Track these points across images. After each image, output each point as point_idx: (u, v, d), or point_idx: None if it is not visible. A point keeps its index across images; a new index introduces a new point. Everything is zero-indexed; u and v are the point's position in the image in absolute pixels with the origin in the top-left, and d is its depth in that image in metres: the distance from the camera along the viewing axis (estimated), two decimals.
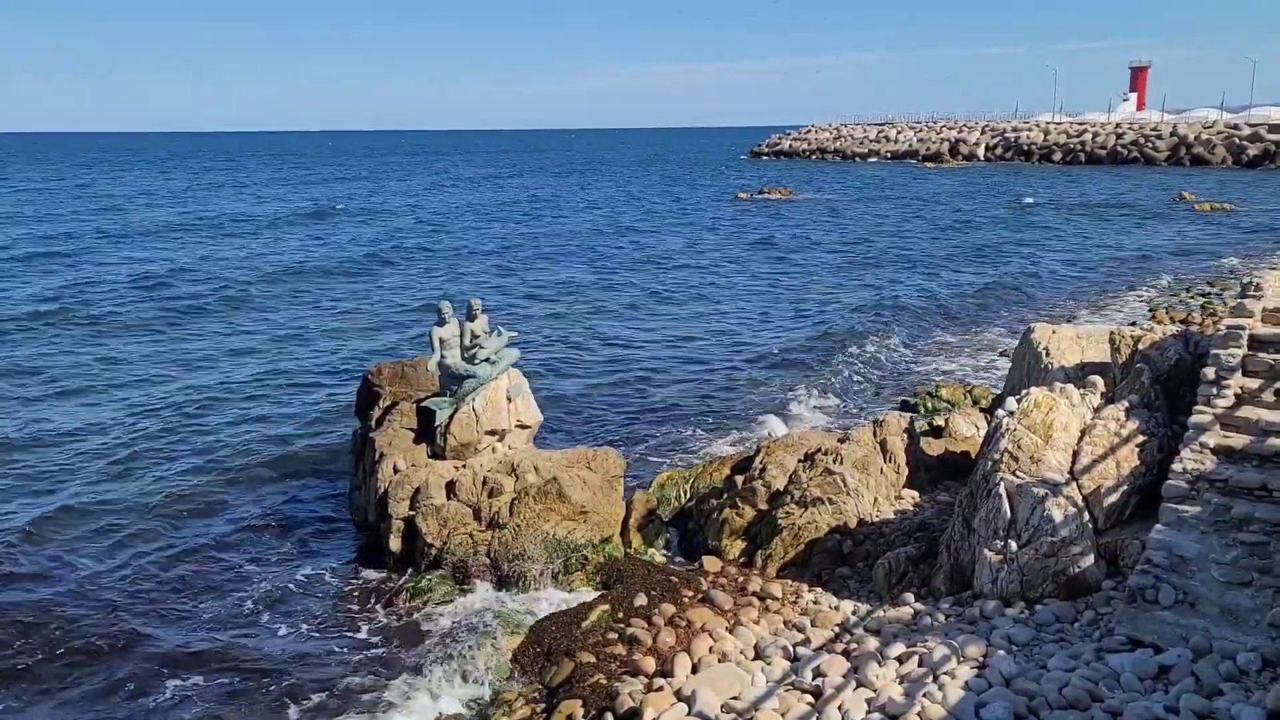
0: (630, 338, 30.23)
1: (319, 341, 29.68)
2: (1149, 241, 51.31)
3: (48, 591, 13.86)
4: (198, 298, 36.60)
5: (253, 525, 16.29)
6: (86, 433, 20.72)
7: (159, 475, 18.39)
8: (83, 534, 15.80)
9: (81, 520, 16.25)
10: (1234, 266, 41.54)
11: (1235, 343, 11.76)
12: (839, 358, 27.29)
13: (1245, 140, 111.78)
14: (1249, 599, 9.76)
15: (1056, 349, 15.95)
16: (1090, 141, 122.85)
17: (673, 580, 12.99)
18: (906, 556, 12.88)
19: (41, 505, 16.77)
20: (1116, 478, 12.18)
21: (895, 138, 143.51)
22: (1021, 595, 11.37)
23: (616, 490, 14.96)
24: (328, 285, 39.92)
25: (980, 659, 10.01)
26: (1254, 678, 9.15)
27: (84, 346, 28.51)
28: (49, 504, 16.83)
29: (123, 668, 11.95)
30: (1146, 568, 10.36)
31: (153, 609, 13.49)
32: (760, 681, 10.18)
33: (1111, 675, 9.47)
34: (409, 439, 15.16)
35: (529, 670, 11.44)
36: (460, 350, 14.90)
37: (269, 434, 20.66)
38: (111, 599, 13.71)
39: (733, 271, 43.22)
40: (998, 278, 40.82)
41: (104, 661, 12.08)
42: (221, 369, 26.12)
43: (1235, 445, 11.00)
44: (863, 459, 14.78)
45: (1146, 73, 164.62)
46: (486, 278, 41.83)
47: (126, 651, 12.29)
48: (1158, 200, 73.14)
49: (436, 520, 14.05)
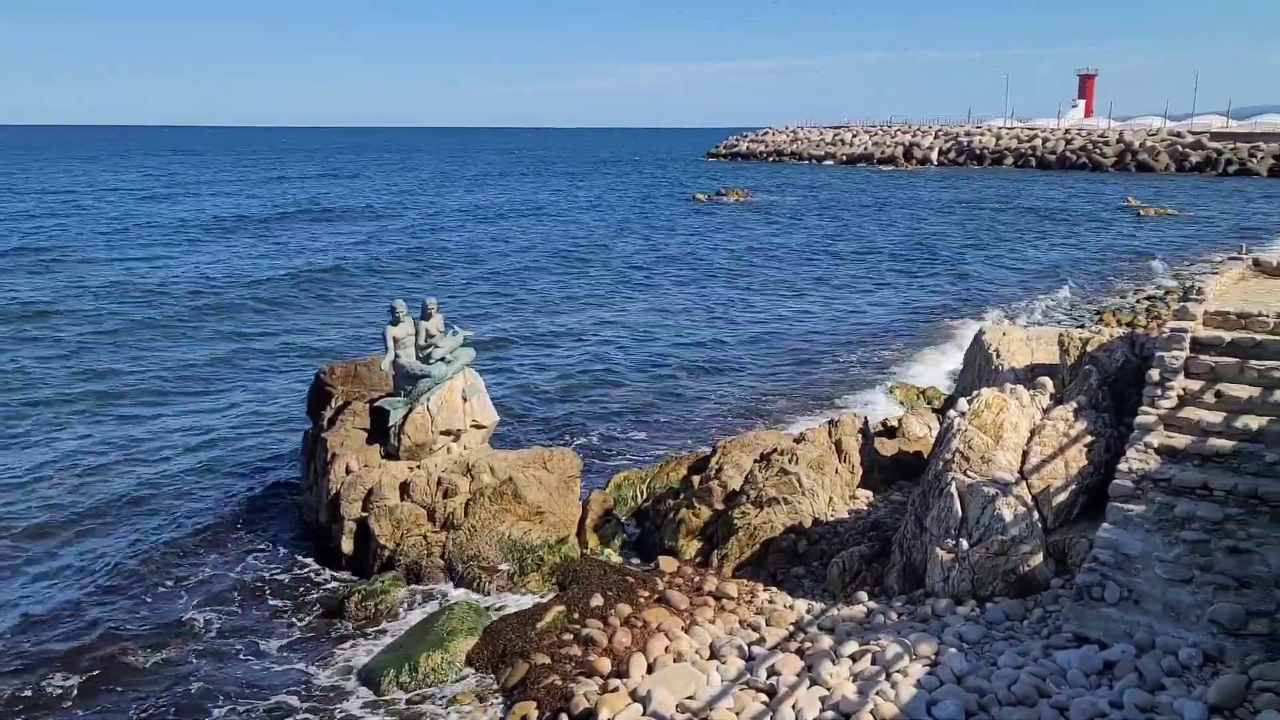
0: (586, 338, 30.19)
1: (269, 339, 29.25)
2: (1097, 245, 52.31)
3: None
4: (149, 295, 35.92)
5: (198, 527, 15.98)
6: (23, 434, 20.23)
7: (100, 475, 17.99)
8: (21, 536, 15.41)
9: (18, 523, 15.85)
10: (1177, 270, 42.49)
11: (1178, 345, 12.01)
12: (795, 357, 27.52)
13: (1188, 148, 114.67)
14: (1190, 595, 9.98)
15: (1007, 350, 16.19)
16: (1040, 147, 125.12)
17: (629, 581, 12.99)
18: (860, 555, 13.01)
19: None
20: (1065, 477, 12.39)
21: (851, 141, 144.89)
22: (972, 593, 11.53)
23: (573, 490, 14.92)
24: (279, 284, 39.35)
25: (932, 657, 10.14)
26: (1195, 673, 9.37)
27: (21, 347, 27.84)
28: None
29: (56, 675, 11.65)
30: (1093, 565, 10.55)
31: (91, 614, 13.15)
32: (715, 681, 10.21)
33: (1059, 672, 9.64)
34: (362, 439, 15.00)
35: (483, 672, 11.37)
36: (415, 349, 14.78)
37: (216, 434, 20.33)
38: (47, 605, 13.38)
39: (689, 273, 43.34)
40: (949, 280, 41.41)
41: (38, 671, 11.77)
42: (168, 367, 25.63)
43: (1178, 445, 11.24)
44: (818, 459, 14.89)
45: (1094, 80, 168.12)
46: (442, 277, 41.54)
47: (61, 659, 11.99)
48: (1105, 205, 74.66)
49: (390, 521, 13.92)
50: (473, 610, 12.36)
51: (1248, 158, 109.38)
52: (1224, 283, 14.00)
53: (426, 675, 11.23)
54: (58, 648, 12.26)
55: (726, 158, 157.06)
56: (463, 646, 11.63)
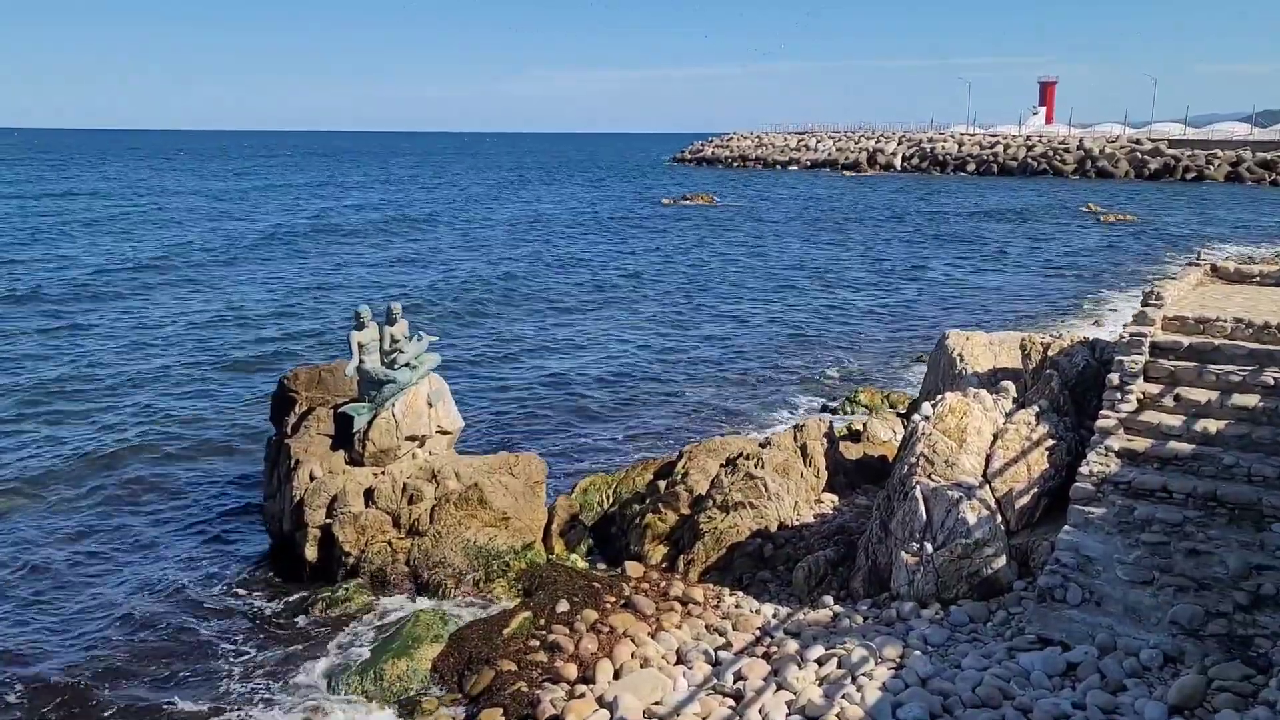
0: (551, 343, 30.10)
1: (231, 344, 28.85)
2: (1058, 251, 53.04)
3: None
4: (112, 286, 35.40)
5: (158, 533, 15.74)
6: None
7: (56, 472, 17.68)
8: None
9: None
10: (1137, 275, 43.16)
11: (1137, 350, 12.19)
12: (760, 363, 27.61)
13: (1147, 155, 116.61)
14: (1150, 597, 10.11)
15: (970, 355, 16.33)
16: (1002, 153, 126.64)
17: (595, 586, 12.95)
18: (826, 559, 13.05)
19: None
20: (1027, 480, 12.52)
21: (815, 147, 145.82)
22: (937, 596, 11.61)
23: (539, 496, 14.85)
24: (244, 281, 38.88)
25: (897, 660, 10.19)
26: (1156, 673, 9.50)
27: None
28: None
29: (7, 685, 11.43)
30: (1055, 568, 10.67)
31: (41, 622, 12.90)
32: (682, 686, 10.20)
33: (1022, 674, 9.73)
34: (326, 445, 14.83)
35: (449, 679, 11.26)
36: (380, 355, 14.64)
37: (178, 441, 20.01)
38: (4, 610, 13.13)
39: (655, 278, 43.36)
40: (913, 285, 41.78)
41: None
42: (129, 368, 25.21)
43: (1138, 449, 11.41)
44: (783, 463, 14.93)
45: (1054, 87, 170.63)
46: (404, 281, 41.25)
47: (16, 665, 11.77)
48: (1066, 211, 75.70)
49: (354, 528, 13.77)
50: (438, 617, 12.25)
51: (1205, 164, 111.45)
52: (1182, 288, 14.24)
53: (392, 683, 11.11)
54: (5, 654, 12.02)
55: (692, 162, 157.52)
56: (428, 654, 11.53)
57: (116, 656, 12.10)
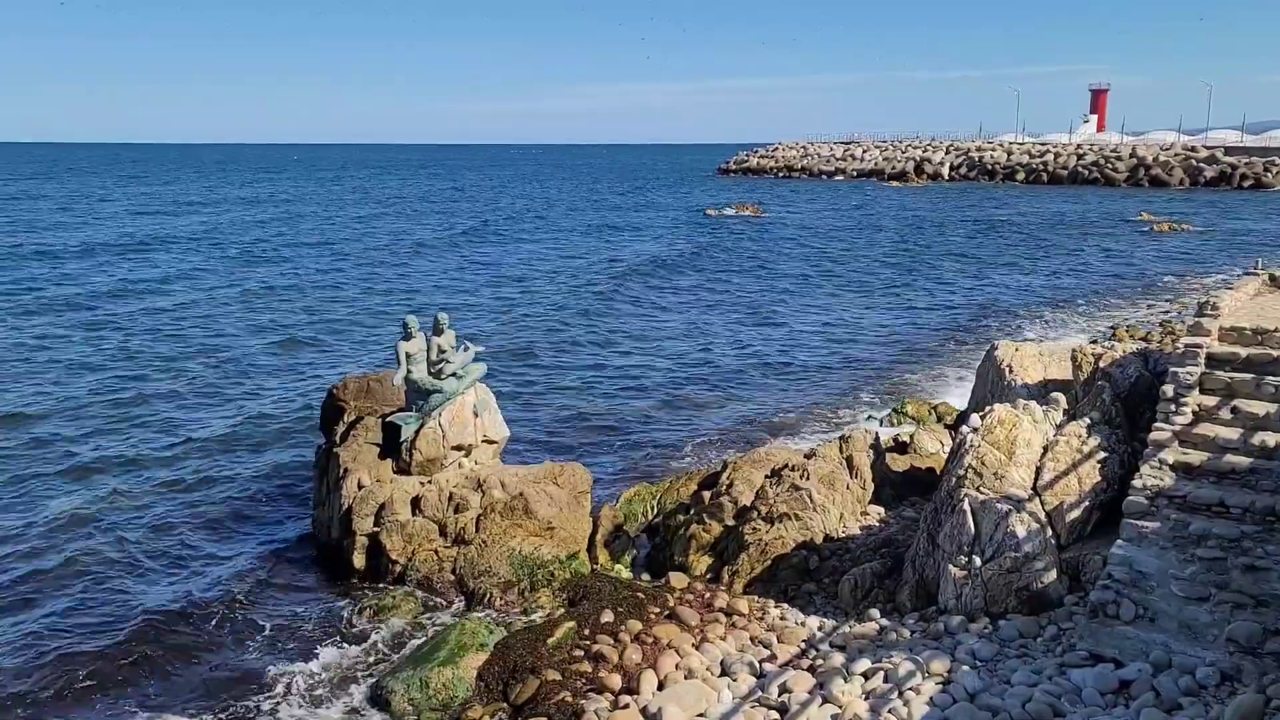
0: (598, 353, 30.22)
1: (283, 356, 29.36)
2: (1110, 260, 52.18)
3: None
4: (157, 309, 36.17)
5: (210, 540, 16.04)
6: (37, 441, 20.34)
7: (114, 484, 18.06)
8: (35, 547, 15.47)
9: (34, 532, 15.92)
10: (1192, 285, 42.31)
11: (1193, 361, 11.95)
12: (806, 373, 27.47)
13: (1202, 162, 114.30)
14: (1207, 614, 9.89)
15: (1019, 366, 16.12)
16: (1052, 162, 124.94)
17: (639, 597, 12.94)
18: (872, 572, 12.94)
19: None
20: (1078, 494, 12.32)
21: (861, 156, 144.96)
22: (985, 610, 11.45)
23: (583, 506, 14.90)
24: (292, 299, 39.55)
25: (945, 675, 10.06)
26: (1212, 692, 9.28)
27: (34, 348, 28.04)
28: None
29: (65, 680, 11.73)
30: (1107, 583, 10.47)
31: (92, 622, 13.21)
32: (726, 698, 10.17)
33: (1073, 691, 9.56)
34: (374, 454, 15.02)
35: (493, 688, 11.31)
36: (426, 365, 14.81)
37: (230, 448, 20.39)
38: (60, 609, 13.45)
39: (702, 289, 43.36)
40: (961, 294, 41.32)
41: (49, 673, 11.85)
42: (182, 383, 25.74)
43: (1193, 462, 11.17)
44: (829, 475, 14.84)
45: (1106, 95, 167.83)
46: (453, 293, 41.67)
47: (73, 664, 12.06)
48: (1118, 220, 74.45)
49: (401, 536, 13.92)
50: (483, 626, 12.33)
51: (1262, 172, 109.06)
52: (1239, 298, 13.94)
53: (437, 691, 11.18)
54: (60, 651, 12.34)
55: (738, 173, 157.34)
56: (473, 662, 11.59)
57: (163, 658, 12.35)
